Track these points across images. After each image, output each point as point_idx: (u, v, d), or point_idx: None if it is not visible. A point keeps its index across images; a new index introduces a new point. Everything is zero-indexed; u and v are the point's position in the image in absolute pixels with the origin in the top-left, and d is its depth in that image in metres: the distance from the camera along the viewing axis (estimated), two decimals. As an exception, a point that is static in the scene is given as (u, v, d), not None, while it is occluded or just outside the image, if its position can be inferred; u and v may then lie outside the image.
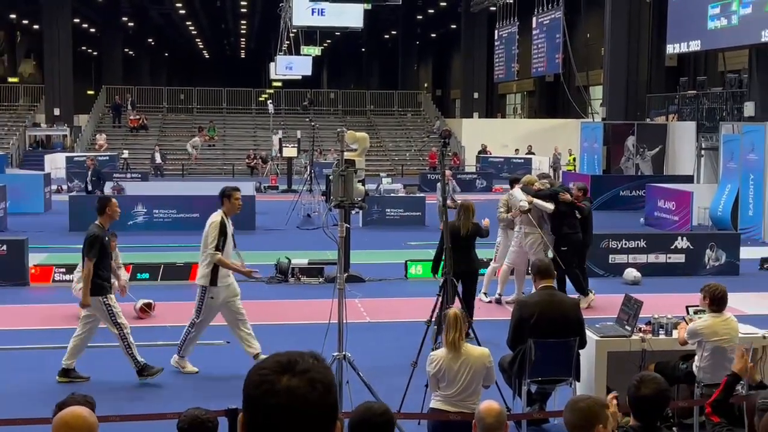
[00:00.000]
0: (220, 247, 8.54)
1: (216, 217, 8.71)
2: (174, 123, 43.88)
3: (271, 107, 38.16)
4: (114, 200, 8.82)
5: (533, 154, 38.52)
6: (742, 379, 4.76)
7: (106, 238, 8.50)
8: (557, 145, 36.22)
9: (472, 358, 6.10)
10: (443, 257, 8.40)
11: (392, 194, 21.74)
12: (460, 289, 9.66)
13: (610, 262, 14.01)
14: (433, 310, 7.37)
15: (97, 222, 8.50)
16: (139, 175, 31.04)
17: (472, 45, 44.08)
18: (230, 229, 8.76)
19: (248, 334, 8.73)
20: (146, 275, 13.16)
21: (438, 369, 6.10)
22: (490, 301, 11.83)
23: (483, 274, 11.48)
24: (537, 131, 40.94)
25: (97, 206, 8.66)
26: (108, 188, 23.38)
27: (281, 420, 1.89)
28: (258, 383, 1.92)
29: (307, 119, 29.44)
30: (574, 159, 34.16)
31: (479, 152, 39.41)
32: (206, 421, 4.52)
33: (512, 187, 12.18)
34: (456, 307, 6.39)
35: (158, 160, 36.80)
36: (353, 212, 11.00)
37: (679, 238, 14.57)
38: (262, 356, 6.51)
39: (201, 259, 8.73)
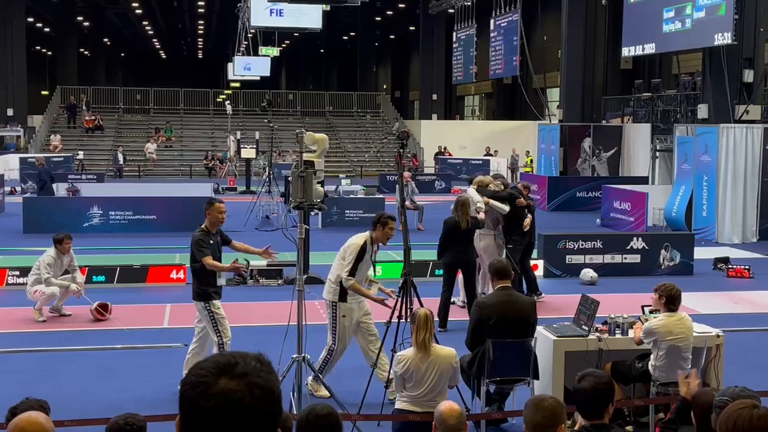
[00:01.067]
0: (353, 271, 7.95)
1: (359, 239, 8.13)
2: (130, 124, 43.41)
3: (229, 108, 37.90)
4: (217, 204, 8.48)
5: (492, 155, 38.78)
6: (690, 403, 4.83)
7: (211, 241, 8.23)
8: (515, 146, 36.54)
9: (439, 358, 6.13)
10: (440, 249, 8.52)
11: (351, 195, 21.72)
12: (460, 278, 10.49)
13: (567, 262, 14.15)
14: (393, 311, 7.38)
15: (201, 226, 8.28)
16: (95, 177, 30.65)
17: (431, 47, 44.25)
18: (371, 254, 8.18)
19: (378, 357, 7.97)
20: (102, 278, 12.99)
21: (406, 369, 6.13)
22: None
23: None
24: (495, 133, 41.23)
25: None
26: (62, 190, 23.07)
27: (213, 424, 1.79)
28: (194, 384, 1.82)
29: (266, 120, 29.29)
30: (532, 160, 34.47)
31: (436, 153, 39.59)
32: (124, 426, 4.47)
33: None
34: (426, 308, 6.40)
35: (120, 161, 36.39)
36: (312, 213, 10.96)
37: (635, 238, 14.76)
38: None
39: (333, 273, 8.20)
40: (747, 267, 14.52)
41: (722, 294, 12.92)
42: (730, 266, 14.68)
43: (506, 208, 11.25)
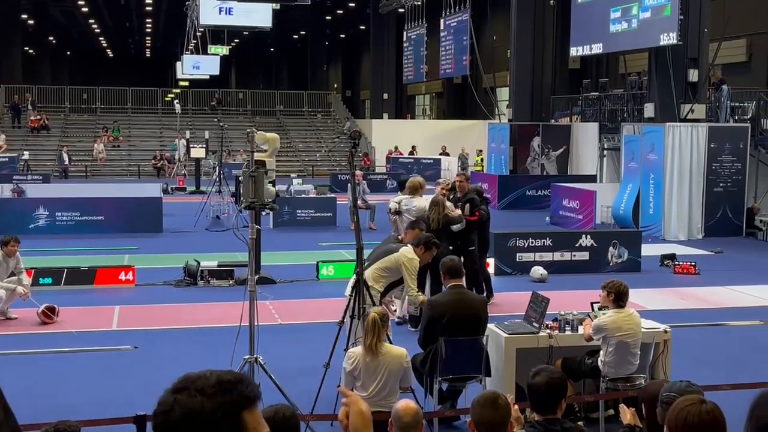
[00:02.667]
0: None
1: (415, 257, 7.88)
2: (77, 123, 42.69)
3: (178, 107, 37.51)
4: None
5: (447, 154, 38.96)
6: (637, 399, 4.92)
7: None
8: (464, 146, 36.75)
9: (389, 357, 6.13)
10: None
11: (303, 195, 21.65)
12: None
13: (517, 260, 14.28)
14: (345, 311, 7.37)
15: None
16: (41, 177, 30.10)
17: (381, 46, 44.30)
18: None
19: None
20: (49, 280, 12.76)
21: (354, 367, 6.14)
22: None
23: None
24: (446, 132, 41.42)
25: None
26: (7, 191, 22.58)
27: None
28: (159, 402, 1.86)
29: (216, 119, 29.08)
30: (482, 159, 34.70)
31: (388, 154, 39.68)
32: None
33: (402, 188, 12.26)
34: (376, 310, 6.39)
35: (66, 161, 35.79)
36: (264, 213, 10.92)
37: (584, 236, 14.94)
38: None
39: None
40: (693, 263, 14.79)
41: (669, 290, 13.15)
42: (676, 263, 14.94)
43: (460, 226, 11.12)
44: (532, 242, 14.38)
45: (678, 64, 19.36)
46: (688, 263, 14.82)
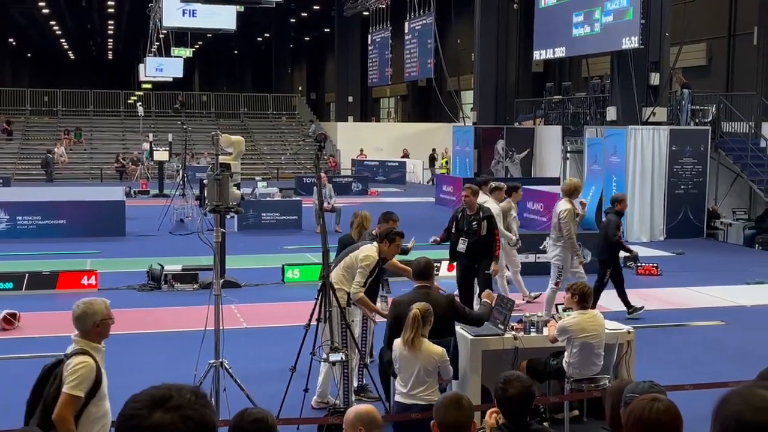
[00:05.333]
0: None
1: (373, 252, 7.69)
2: (38, 126, 42.14)
3: (140, 110, 37.20)
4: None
5: (407, 156, 39.05)
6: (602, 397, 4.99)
7: None
8: (435, 147, 36.92)
9: (425, 353, 6.19)
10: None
11: (268, 198, 21.57)
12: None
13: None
14: (312, 314, 7.35)
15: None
16: (1, 180, 29.67)
17: (346, 49, 44.29)
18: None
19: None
20: (10, 285, 12.58)
21: (395, 357, 6.27)
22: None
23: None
24: (411, 135, 41.52)
25: None
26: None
27: None
28: (128, 417, 1.84)
29: (179, 122, 28.85)
30: (447, 162, 34.84)
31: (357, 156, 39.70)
32: None
33: (509, 194, 12.35)
34: (419, 306, 6.37)
35: (50, 163, 35.48)
36: (228, 216, 10.85)
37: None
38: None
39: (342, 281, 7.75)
40: (655, 264, 14.96)
41: (632, 291, 13.22)
42: (639, 264, 15.09)
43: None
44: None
45: (640, 67, 19.60)
46: (651, 264, 14.99)
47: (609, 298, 12.27)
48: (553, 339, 7.21)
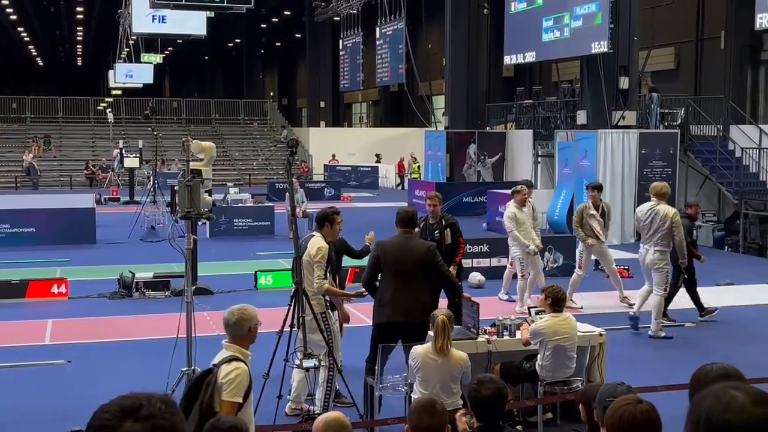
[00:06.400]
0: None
1: (321, 242, 7.57)
2: (6, 134, 41.66)
3: (110, 116, 36.93)
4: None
5: (380, 162, 39.07)
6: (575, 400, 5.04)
7: None
8: (412, 151, 36.98)
9: (452, 359, 6.23)
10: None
11: (240, 204, 21.48)
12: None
13: (455, 266, 14.35)
14: (285, 320, 7.32)
15: None
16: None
17: (318, 54, 44.26)
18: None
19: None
20: (-22, 294, 12.41)
21: (416, 364, 6.26)
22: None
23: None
24: (383, 140, 41.57)
25: None
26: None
27: None
28: (97, 427, 1.80)
29: (149, 128, 28.69)
30: (419, 167, 34.90)
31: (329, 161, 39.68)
32: None
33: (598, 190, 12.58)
34: (443, 312, 6.40)
35: (37, 170, 35.18)
36: (200, 223, 10.77)
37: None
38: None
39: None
40: (626, 267, 15.05)
41: (603, 294, 13.36)
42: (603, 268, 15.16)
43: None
44: (469, 248, 14.45)
45: (609, 71, 19.76)
46: (622, 267, 15.05)
47: (582, 301, 12.34)
48: (525, 342, 7.24)
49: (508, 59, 24.53)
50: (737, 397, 1.87)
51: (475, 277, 13.94)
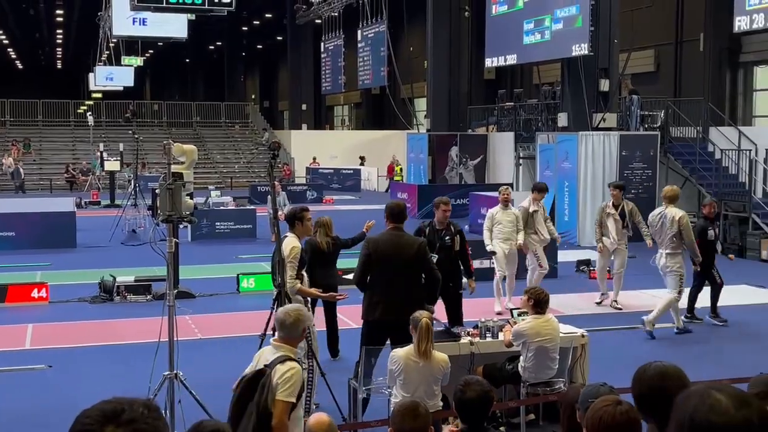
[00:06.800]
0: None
1: (294, 242, 7.65)
2: (-15, 137, 41.38)
3: (91, 119, 36.71)
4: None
5: (362, 165, 39.06)
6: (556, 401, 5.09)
7: None
8: (394, 154, 36.99)
9: (434, 362, 6.23)
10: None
11: (222, 207, 21.41)
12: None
13: (438, 269, 14.35)
14: (267, 323, 7.30)
15: None
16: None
17: (299, 57, 44.21)
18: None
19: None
20: (-43, 299, 12.31)
21: (398, 368, 6.24)
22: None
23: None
24: (365, 142, 41.56)
25: None
26: None
27: None
28: None
29: (130, 131, 28.53)
30: (401, 169, 34.93)
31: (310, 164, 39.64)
32: None
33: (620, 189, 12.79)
34: (425, 314, 6.39)
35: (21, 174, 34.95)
36: (182, 226, 10.73)
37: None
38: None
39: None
40: (607, 268, 15.11)
41: (585, 295, 13.42)
42: (591, 268, 15.25)
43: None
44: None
45: (589, 74, 19.86)
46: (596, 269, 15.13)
47: (564, 302, 12.38)
48: (508, 343, 7.26)
49: (490, 62, 24.61)
50: (721, 400, 1.90)
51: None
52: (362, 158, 39.95)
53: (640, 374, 2.95)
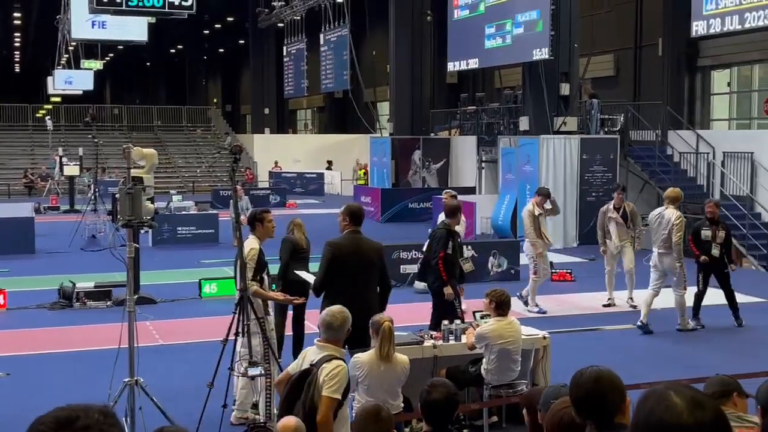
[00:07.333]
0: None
1: (253, 243, 7.63)
2: (-60, 141, 40.68)
3: (49, 123, 36.20)
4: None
5: (330, 169, 39.01)
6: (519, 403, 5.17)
7: None
8: (359, 158, 37.01)
9: (396, 364, 6.21)
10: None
11: (183, 212, 21.24)
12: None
13: (401, 272, 14.40)
14: (230, 329, 7.25)
15: None
16: None
17: (262, 60, 44.05)
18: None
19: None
20: None
21: (361, 373, 6.17)
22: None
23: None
24: (328, 146, 41.52)
25: None
26: None
27: None
28: None
29: (90, 136, 28.21)
30: (365, 173, 34.94)
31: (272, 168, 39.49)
32: None
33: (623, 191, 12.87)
34: (386, 318, 6.34)
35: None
36: (142, 231, 10.61)
37: (465, 246, 15.15)
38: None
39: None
40: (569, 270, 15.27)
41: (547, 297, 13.50)
42: (553, 270, 15.34)
43: None
44: (415, 254, 14.52)
45: (550, 78, 20.03)
46: (565, 270, 15.29)
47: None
48: (471, 346, 7.28)
49: (452, 66, 24.71)
50: (677, 402, 1.94)
51: (421, 283, 13.94)
52: (329, 162, 39.86)
53: (576, 377, 3.03)
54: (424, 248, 10.19)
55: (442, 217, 11.64)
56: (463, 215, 11.47)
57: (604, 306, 12.93)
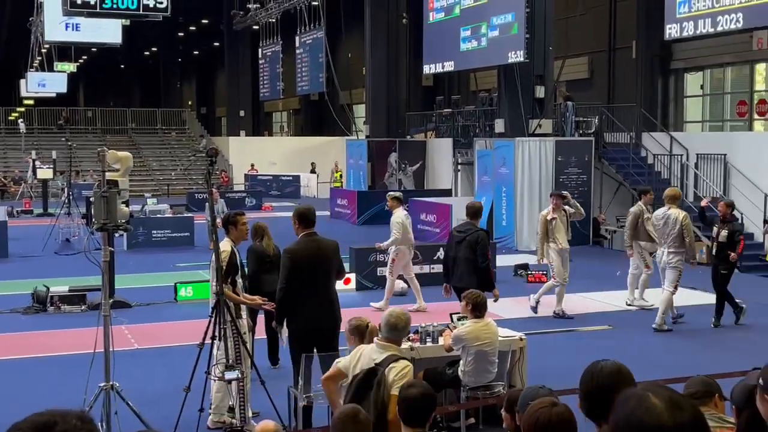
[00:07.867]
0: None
1: (226, 246, 7.56)
2: None
3: (22, 126, 35.92)
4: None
5: (315, 171, 38.92)
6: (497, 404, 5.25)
7: None
8: (336, 161, 36.96)
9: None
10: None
11: (158, 215, 21.11)
12: None
13: (378, 274, 14.41)
14: (206, 332, 7.22)
15: None
16: None
17: (237, 63, 43.89)
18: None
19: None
20: None
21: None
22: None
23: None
24: (304, 149, 41.44)
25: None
26: None
27: None
28: None
29: (63, 139, 27.99)
30: (341, 175, 34.92)
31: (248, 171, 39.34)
32: None
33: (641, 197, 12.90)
34: (365, 320, 6.32)
35: None
36: (117, 235, 10.54)
37: (441, 249, 15.17)
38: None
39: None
40: (545, 272, 15.33)
41: (523, 299, 13.56)
42: (529, 272, 15.44)
43: None
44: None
45: (525, 81, 20.12)
46: (540, 272, 15.35)
47: (502, 307, 12.48)
48: (448, 348, 7.30)
49: (427, 68, 24.76)
50: (656, 404, 1.96)
51: (398, 285, 13.96)
52: (313, 164, 39.72)
53: (595, 371, 2.96)
54: (450, 250, 10.16)
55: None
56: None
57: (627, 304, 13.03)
